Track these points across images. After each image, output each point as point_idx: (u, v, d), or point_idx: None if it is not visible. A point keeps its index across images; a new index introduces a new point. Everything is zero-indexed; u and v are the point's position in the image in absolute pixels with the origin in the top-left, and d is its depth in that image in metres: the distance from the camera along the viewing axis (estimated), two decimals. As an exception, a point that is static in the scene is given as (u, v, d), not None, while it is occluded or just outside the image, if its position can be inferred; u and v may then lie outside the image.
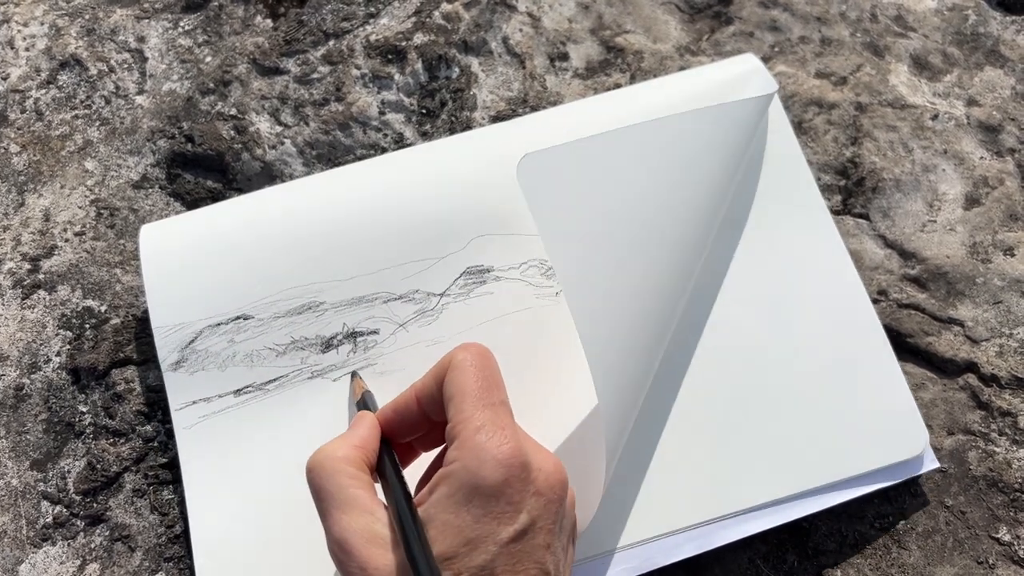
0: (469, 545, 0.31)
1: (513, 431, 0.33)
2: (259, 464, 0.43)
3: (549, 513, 0.33)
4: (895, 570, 0.43)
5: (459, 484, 0.32)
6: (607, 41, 0.56)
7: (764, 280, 0.46)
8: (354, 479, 0.34)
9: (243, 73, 0.55)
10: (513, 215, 0.47)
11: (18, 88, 0.55)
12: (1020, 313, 0.48)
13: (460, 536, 0.31)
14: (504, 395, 0.35)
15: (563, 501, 0.34)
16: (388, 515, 0.33)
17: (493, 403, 0.34)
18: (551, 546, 0.33)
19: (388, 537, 0.32)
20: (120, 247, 0.51)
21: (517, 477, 0.32)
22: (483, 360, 0.36)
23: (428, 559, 0.30)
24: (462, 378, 0.35)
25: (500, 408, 0.34)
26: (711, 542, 0.42)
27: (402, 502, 0.33)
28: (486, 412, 0.33)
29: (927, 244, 0.50)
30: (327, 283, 0.46)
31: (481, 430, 0.33)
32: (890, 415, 0.44)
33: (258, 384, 0.44)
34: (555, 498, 0.33)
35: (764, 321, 0.45)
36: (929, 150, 0.53)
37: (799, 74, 0.55)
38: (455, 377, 0.35)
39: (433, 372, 0.36)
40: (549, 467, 0.33)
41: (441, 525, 0.31)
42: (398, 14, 0.56)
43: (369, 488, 0.34)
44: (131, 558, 0.44)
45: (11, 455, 0.46)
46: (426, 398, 0.36)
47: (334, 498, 0.33)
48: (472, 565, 0.31)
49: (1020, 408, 0.46)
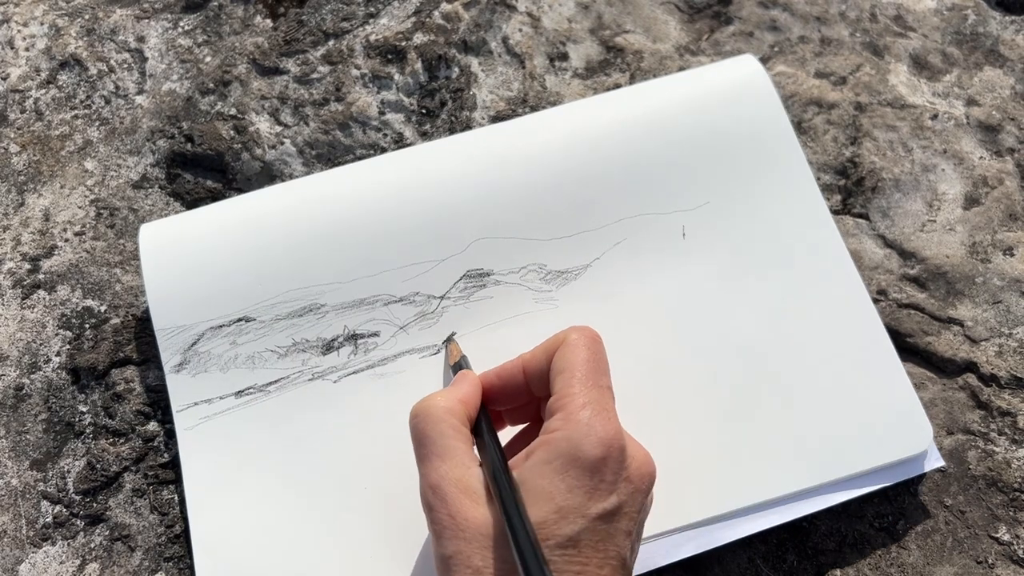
0: (559, 513, 0.32)
1: (615, 415, 0.34)
2: (260, 465, 0.43)
3: (635, 501, 0.33)
4: (895, 570, 0.43)
5: (558, 453, 0.32)
6: (607, 41, 0.56)
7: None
8: (456, 431, 0.35)
9: (243, 73, 0.55)
10: (512, 219, 0.47)
11: (18, 88, 0.55)
12: (1019, 313, 0.48)
13: (552, 503, 0.32)
14: (610, 381, 0.36)
15: (648, 493, 0.35)
16: (483, 472, 0.34)
17: (600, 385, 0.35)
18: (631, 535, 0.33)
19: (481, 492, 0.33)
20: (120, 247, 0.51)
21: (615, 459, 0.33)
22: (595, 344, 0.37)
23: (523, 516, 0.31)
24: (574, 355, 0.36)
25: (606, 392, 0.35)
26: (711, 542, 0.41)
27: (498, 461, 0.34)
28: (593, 391, 0.34)
29: (927, 244, 0.50)
30: (328, 285, 0.46)
31: (587, 407, 0.34)
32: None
33: (259, 386, 0.44)
34: (643, 488, 0.34)
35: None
36: (929, 150, 0.53)
37: (799, 74, 0.55)
38: (567, 353, 0.36)
39: (544, 346, 0.37)
40: (642, 457, 0.35)
41: (534, 489, 0.32)
42: (398, 14, 0.56)
43: (468, 442, 0.35)
44: (131, 558, 0.44)
45: (11, 455, 0.46)
46: (533, 370, 0.37)
47: (435, 444, 0.34)
48: (559, 534, 0.31)
49: (1019, 408, 0.46)
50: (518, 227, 0.47)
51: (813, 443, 0.43)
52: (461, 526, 0.32)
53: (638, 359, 0.44)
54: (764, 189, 0.48)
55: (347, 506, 0.42)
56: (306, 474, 0.43)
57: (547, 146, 0.48)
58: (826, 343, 0.45)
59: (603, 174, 0.47)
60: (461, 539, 0.32)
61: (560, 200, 0.47)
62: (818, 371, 0.44)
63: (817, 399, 0.44)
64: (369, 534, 0.41)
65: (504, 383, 0.38)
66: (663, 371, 0.44)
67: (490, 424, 0.37)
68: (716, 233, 0.47)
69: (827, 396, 0.44)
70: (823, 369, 0.44)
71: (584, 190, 0.47)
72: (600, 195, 0.47)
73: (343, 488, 0.42)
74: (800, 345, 0.45)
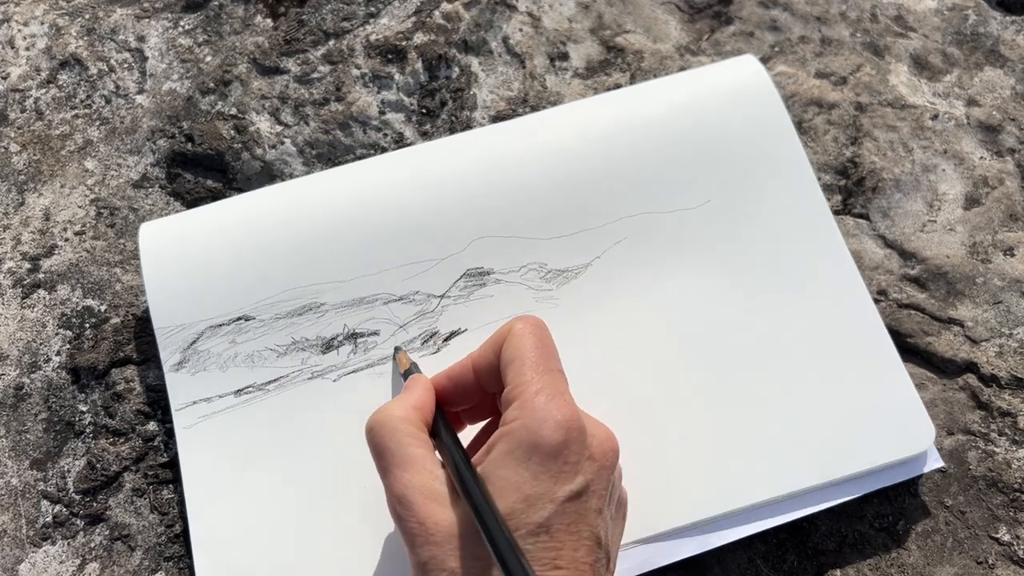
0: (527, 502, 0.32)
1: (570, 397, 0.35)
2: (259, 463, 0.43)
3: (602, 479, 0.34)
4: (895, 570, 0.43)
5: (519, 442, 0.33)
6: (607, 41, 0.56)
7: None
8: (414, 438, 0.35)
9: (243, 73, 0.55)
10: (513, 218, 0.47)
11: (18, 87, 0.55)
12: (1020, 313, 0.48)
13: (518, 492, 0.32)
14: (560, 364, 0.36)
15: (614, 469, 0.35)
16: (445, 474, 0.34)
17: (551, 369, 0.35)
18: (602, 512, 0.34)
19: (447, 495, 0.33)
20: (120, 246, 0.51)
21: (575, 440, 0.33)
22: (540, 330, 0.37)
23: (492, 509, 0.31)
24: (521, 344, 0.36)
25: (557, 375, 0.36)
26: (711, 542, 0.41)
27: (461, 460, 0.34)
28: (545, 377, 0.35)
29: (927, 244, 0.50)
30: (328, 284, 0.46)
31: (541, 392, 0.34)
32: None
33: (258, 384, 0.44)
34: (608, 465, 0.34)
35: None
36: (929, 150, 0.53)
37: (799, 74, 0.55)
38: (514, 343, 0.36)
39: (490, 341, 0.37)
40: (602, 434, 0.35)
41: (499, 482, 0.32)
42: (398, 14, 0.56)
43: (428, 447, 0.35)
44: (131, 557, 0.44)
45: (11, 454, 0.46)
46: (483, 367, 0.37)
47: (395, 456, 0.34)
48: (529, 522, 0.32)
49: (1020, 408, 0.46)
50: (518, 226, 0.47)
51: (814, 443, 0.43)
52: (431, 531, 0.32)
53: (639, 358, 0.44)
54: (765, 188, 0.48)
55: (346, 505, 0.42)
56: (305, 473, 0.43)
57: (548, 145, 0.48)
58: (827, 342, 0.45)
59: (604, 173, 0.47)
60: (433, 544, 0.32)
61: (561, 199, 0.47)
62: (819, 370, 0.44)
63: (818, 398, 0.44)
64: (368, 533, 0.41)
65: (455, 383, 0.38)
66: (663, 370, 0.44)
67: (447, 424, 0.37)
68: (717, 232, 0.47)
69: (828, 396, 0.44)
70: (824, 368, 0.44)
71: (584, 189, 0.47)
72: (601, 194, 0.47)
73: (342, 487, 0.42)
74: (801, 344, 0.45)
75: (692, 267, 0.46)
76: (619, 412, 0.43)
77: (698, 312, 0.45)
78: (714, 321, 0.45)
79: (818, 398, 0.43)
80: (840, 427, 0.43)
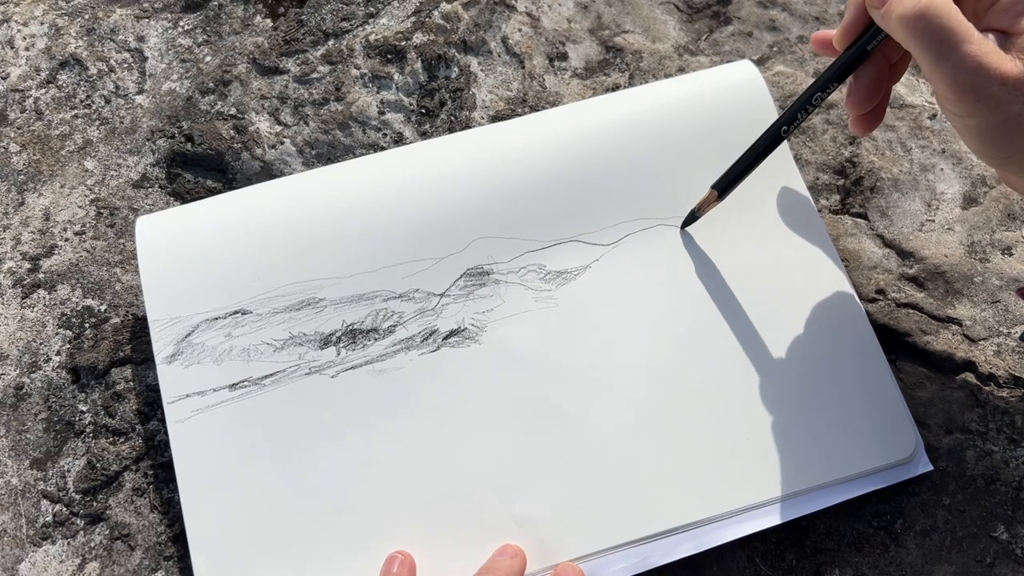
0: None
1: None
2: (253, 459, 0.43)
3: None
4: (893, 568, 0.43)
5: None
6: (606, 41, 0.56)
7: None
8: (960, 13, 0.35)
9: (243, 73, 0.55)
10: (513, 218, 0.47)
11: (18, 87, 0.55)
12: (1018, 312, 0.49)
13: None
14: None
15: None
16: None
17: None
18: None
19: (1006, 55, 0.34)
20: (120, 246, 0.51)
21: None
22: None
23: None
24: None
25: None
26: (710, 541, 0.42)
27: None
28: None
29: (925, 243, 0.50)
30: (327, 280, 0.46)
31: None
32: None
33: (254, 379, 0.44)
34: None
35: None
36: (927, 150, 0.53)
37: (797, 74, 0.55)
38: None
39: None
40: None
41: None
42: (397, 14, 0.56)
43: None
44: (131, 557, 0.44)
45: (11, 454, 0.46)
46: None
47: (956, 31, 0.34)
48: None
49: (1017, 407, 0.46)
50: (518, 227, 0.47)
51: (803, 446, 0.43)
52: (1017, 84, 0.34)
53: (636, 360, 0.45)
54: (757, 194, 0.48)
55: (343, 503, 0.42)
56: (301, 469, 0.43)
57: (547, 146, 0.48)
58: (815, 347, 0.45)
59: (602, 175, 0.48)
60: None
61: (560, 201, 0.47)
62: (807, 375, 0.45)
63: (806, 403, 0.44)
64: (366, 531, 0.41)
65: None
66: (660, 372, 0.44)
67: None
68: (712, 237, 0.47)
69: (816, 400, 0.44)
70: (812, 373, 0.45)
71: (583, 191, 0.47)
72: (599, 196, 0.47)
73: (339, 484, 0.42)
74: (790, 348, 0.45)
75: (688, 270, 0.47)
76: (618, 412, 0.44)
77: (694, 315, 0.46)
78: (709, 325, 0.46)
79: (807, 402, 0.44)
80: (828, 432, 0.43)
